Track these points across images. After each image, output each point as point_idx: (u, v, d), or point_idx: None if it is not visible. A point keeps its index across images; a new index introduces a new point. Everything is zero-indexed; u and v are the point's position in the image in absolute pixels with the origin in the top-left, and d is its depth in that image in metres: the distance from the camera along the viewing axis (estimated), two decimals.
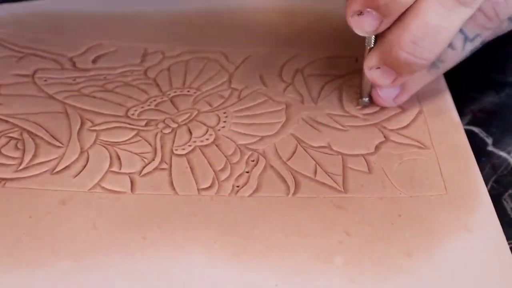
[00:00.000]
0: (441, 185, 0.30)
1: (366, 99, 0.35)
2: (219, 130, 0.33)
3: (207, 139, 0.33)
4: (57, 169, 0.31)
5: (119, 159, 0.31)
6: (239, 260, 0.27)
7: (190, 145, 0.32)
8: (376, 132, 0.33)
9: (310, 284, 0.26)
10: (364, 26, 0.31)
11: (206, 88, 0.36)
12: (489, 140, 0.34)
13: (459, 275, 0.26)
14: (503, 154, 0.34)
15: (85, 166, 0.31)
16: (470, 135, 0.34)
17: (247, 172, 0.31)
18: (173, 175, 0.31)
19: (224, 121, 0.34)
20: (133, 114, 0.34)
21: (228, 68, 0.38)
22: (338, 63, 0.38)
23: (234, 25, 0.42)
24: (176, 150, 0.32)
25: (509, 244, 0.28)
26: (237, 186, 0.30)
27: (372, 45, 0.32)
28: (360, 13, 0.30)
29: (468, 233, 0.28)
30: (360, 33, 0.31)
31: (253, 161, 0.32)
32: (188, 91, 0.36)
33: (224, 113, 0.35)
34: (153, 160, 0.31)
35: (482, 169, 0.31)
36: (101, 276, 0.26)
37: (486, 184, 0.32)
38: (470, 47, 0.33)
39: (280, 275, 0.26)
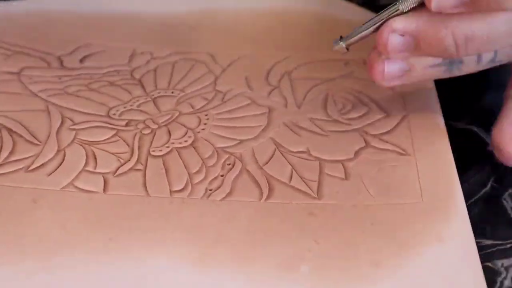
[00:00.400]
0: (417, 192, 0.30)
1: (344, 45, 0.32)
2: (198, 132, 0.33)
3: (185, 141, 0.33)
4: (32, 167, 0.31)
5: (95, 158, 0.31)
6: (203, 265, 0.26)
7: (167, 147, 0.32)
8: (357, 138, 0.33)
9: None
10: None
11: (191, 89, 0.36)
12: (489, 140, 0.33)
13: (427, 286, 0.26)
14: None
15: (60, 164, 0.31)
16: (470, 135, 0.34)
17: (222, 176, 0.31)
18: (147, 176, 0.30)
19: (205, 123, 0.34)
20: (114, 114, 0.34)
21: (215, 70, 0.38)
22: (328, 66, 0.38)
23: (225, 27, 0.41)
24: (154, 151, 0.32)
25: (508, 244, 0.29)
26: (210, 190, 0.30)
27: (406, 10, 0.30)
28: None
29: (440, 243, 0.27)
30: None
31: (229, 164, 0.31)
32: (172, 92, 0.36)
33: (206, 115, 0.34)
34: (129, 160, 0.31)
35: (482, 169, 0.31)
36: (65, 276, 0.26)
37: (486, 184, 0.32)
38: (488, 65, 0.31)
39: (243, 282, 0.26)
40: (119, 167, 0.31)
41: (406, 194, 0.29)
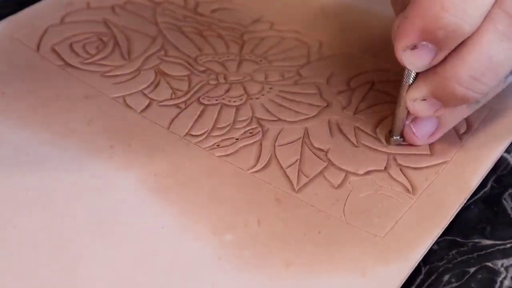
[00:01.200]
0: (385, 229, 0.28)
1: (399, 137, 0.33)
2: (251, 99, 0.35)
3: (234, 101, 0.35)
4: (107, 74, 0.36)
5: (157, 85, 0.36)
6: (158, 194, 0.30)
7: (216, 100, 0.35)
8: (381, 161, 0.32)
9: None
10: (417, 61, 0.28)
11: (276, 64, 0.38)
12: None
13: None
14: (503, 153, 0.33)
15: (127, 80, 0.36)
16: None
17: (237, 139, 0.33)
18: (180, 116, 0.34)
19: (263, 94, 0.36)
20: (201, 59, 0.38)
21: (311, 56, 0.39)
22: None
23: (352, 22, 0.42)
24: (203, 99, 0.35)
25: (508, 244, 0.29)
26: (217, 145, 0.32)
27: (411, 82, 0.30)
28: (414, 47, 0.28)
29: (362, 277, 0.26)
30: (412, 68, 0.29)
31: (251, 133, 0.33)
32: (260, 61, 0.38)
33: (270, 87, 0.36)
34: (178, 98, 0.35)
35: None
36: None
37: (486, 184, 0.32)
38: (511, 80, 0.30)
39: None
40: (166, 100, 0.35)
41: (373, 225, 0.29)
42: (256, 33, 0.41)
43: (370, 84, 0.37)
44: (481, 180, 0.31)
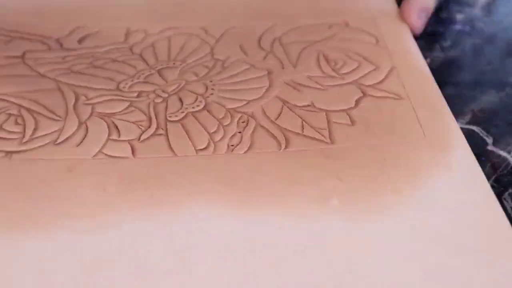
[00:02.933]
0: (419, 130, 0.33)
1: None
2: (207, 97, 0.35)
3: (197, 106, 0.35)
4: (59, 140, 0.32)
5: (116, 128, 0.33)
6: (243, 212, 0.29)
7: (182, 112, 0.34)
8: (354, 89, 0.36)
9: (310, 226, 0.28)
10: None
11: (190, 60, 0.38)
12: (489, 140, 0.34)
13: (441, 208, 0.29)
14: (503, 153, 0.34)
15: (85, 136, 0.32)
16: (470, 135, 0.35)
17: (240, 133, 0.33)
18: (170, 139, 0.33)
19: (212, 89, 0.36)
20: (124, 87, 0.36)
21: (209, 41, 0.40)
22: (313, 30, 0.41)
23: (211, 1, 0.43)
24: (170, 117, 0.34)
25: None
26: (232, 145, 0.32)
27: None
28: None
29: (448, 170, 0.31)
30: None
31: (243, 122, 0.34)
32: (174, 64, 0.38)
33: (211, 81, 0.36)
34: (149, 127, 0.33)
35: (482, 169, 0.31)
36: (116, 233, 0.28)
37: None
38: None
39: (282, 219, 0.28)
40: (141, 134, 0.33)
41: (409, 133, 0.33)
42: (140, 44, 0.39)
43: (277, 40, 0.40)
44: None
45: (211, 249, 0.27)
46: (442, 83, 0.37)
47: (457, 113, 0.35)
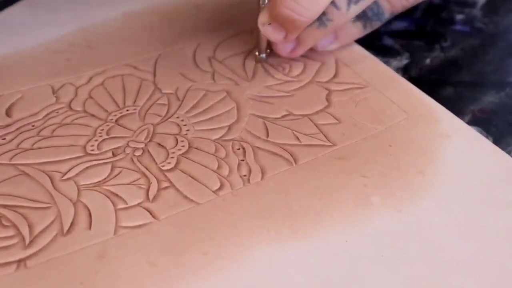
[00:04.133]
0: (399, 111, 0.35)
1: (263, 55, 0.38)
2: (186, 135, 0.33)
3: (183, 147, 0.33)
4: (65, 229, 0.28)
5: (117, 195, 0.30)
6: (299, 237, 0.28)
7: (172, 157, 0.32)
8: (317, 88, 0.36)
9: (368, 226, 0.29)
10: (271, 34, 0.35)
11: (141, 101, 0.35)
12: (489, 140, 0.34)
13: (465, 172, 0.31)
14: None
15: (90, 215, 0.29)
16: None
17: (242, 160, 0.32)
18: (181, 189, 0.30)
19: (185, 125, 0.34)
20: (93, 150, 0.32)
21: (147, 77, 0.37)
22: (239, 40, 0.40)
23: (119, 37, 0.40)
24: (163, 166, 0.31)
25: None
26: (244, 176, 0.31)
27: (265, 3, 0.35)
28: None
29: (447, 139, 0.33)
30: (269, 38, 0.36)
31: (238, 149, 0.32)
32: (127, 110, 0.35)
33: (178, 117, 0.34)
34: (151, 183, 0.30)
35: None
36: None
37: None
38: (355, 10, 0.35)
39: (339, 230, 0.28)
40: (148, 193, 0.30)
41: (394, 115, 0.34)
42: (76, 99, 0.35)
43: (213, 59, 0.38)
44: None
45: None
46: (442, 83, 0.38)
47: (457, 113, 0.35)
